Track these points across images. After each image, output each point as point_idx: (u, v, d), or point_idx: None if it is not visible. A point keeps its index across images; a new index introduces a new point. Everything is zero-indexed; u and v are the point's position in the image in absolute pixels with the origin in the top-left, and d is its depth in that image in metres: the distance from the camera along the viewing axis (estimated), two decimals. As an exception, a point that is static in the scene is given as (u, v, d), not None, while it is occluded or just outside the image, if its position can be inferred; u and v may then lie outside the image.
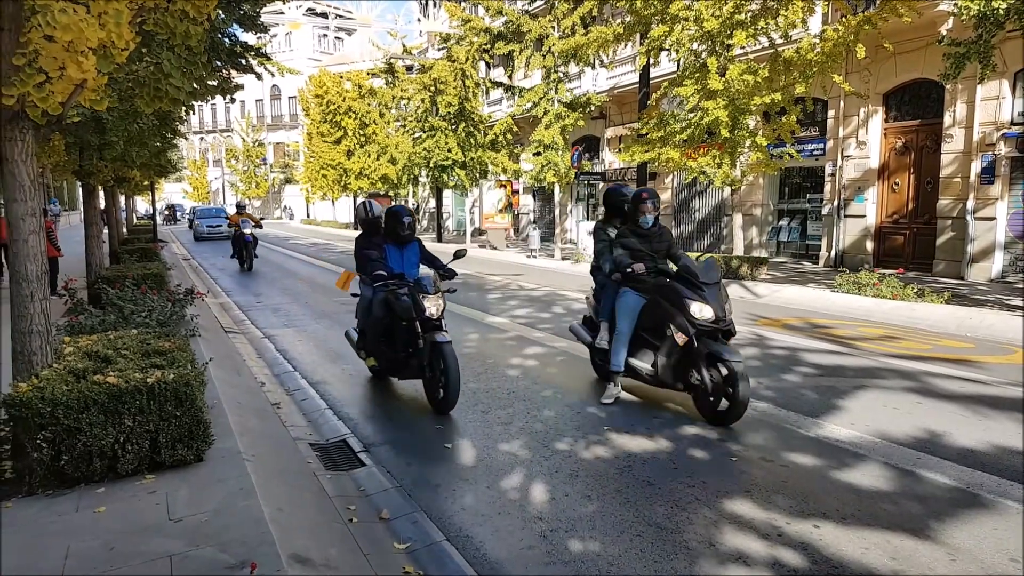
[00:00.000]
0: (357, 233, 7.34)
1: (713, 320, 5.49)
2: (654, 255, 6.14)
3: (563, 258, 20.85)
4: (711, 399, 5.53)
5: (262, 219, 22.01)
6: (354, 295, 7.17)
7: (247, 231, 18.63)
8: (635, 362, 6.08)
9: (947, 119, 14.42)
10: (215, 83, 8.20)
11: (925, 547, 3.63)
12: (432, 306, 5.97)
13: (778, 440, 5.21)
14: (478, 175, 26.94)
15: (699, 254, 7.23)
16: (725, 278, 14.43)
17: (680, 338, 5.55)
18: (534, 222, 29.23)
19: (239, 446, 4.49)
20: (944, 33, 13.11)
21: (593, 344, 6.65)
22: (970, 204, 13.97)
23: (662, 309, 5.77)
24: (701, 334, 5.53)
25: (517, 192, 31.19)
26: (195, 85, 5.50)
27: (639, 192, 6.26)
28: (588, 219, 25.25)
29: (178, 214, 57.37)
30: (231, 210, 35.20)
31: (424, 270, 6.68)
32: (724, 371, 5.43)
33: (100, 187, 13.68)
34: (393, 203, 39.28)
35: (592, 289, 6.87)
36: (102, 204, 16.93)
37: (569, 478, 4.55)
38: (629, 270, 5.90)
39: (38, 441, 3.75)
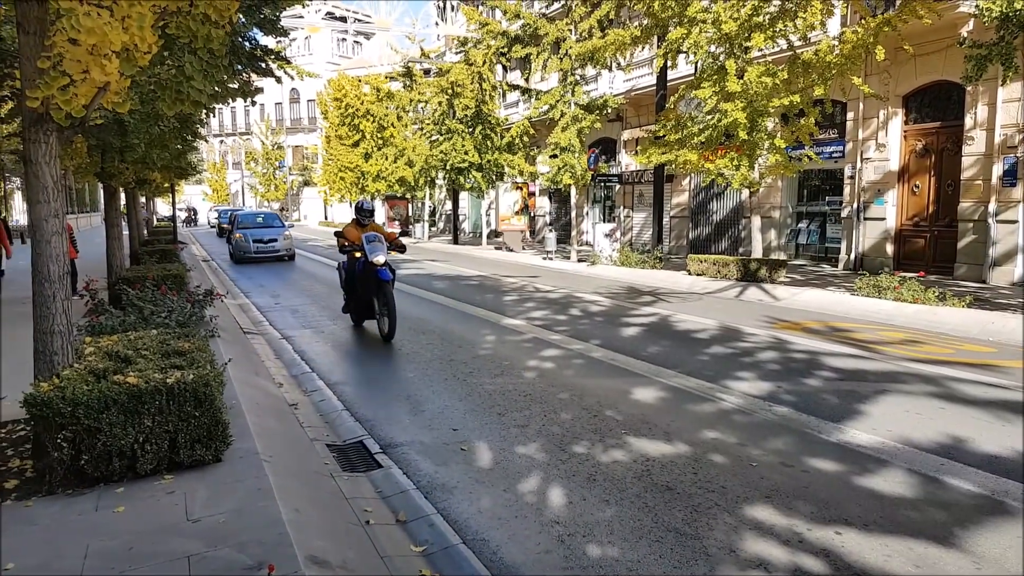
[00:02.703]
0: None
1: None
2: None
3: (579, 260, 20.79)
4: None
5: (404, 233, 14.63)
6: None
7: (380, 261, 9.03)
8: None
9: (968, 121, 14.24)
10: (236, 86, 8.28)
11: (950, 555, 3.57)
12: None
13: (799, 445, 5.15)
14: (494, 177, 26.99)
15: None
16: (743, 280, 14.44)
17: None
18: (550, 224, 29.21)
19: (257, 447, 4.51)
20: (965, 35, 12.95)
21: None
22: (992, 207, 13.77)
23: None
24: None
25: (533, 194, 31.18)
26: (216, 88, 5.56)
27: None
28: (604, 221, 25.18)
29: (204, 217, 57.76)
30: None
31: None
32: None
33: (121, 189, 13.82)
34: (409, 205, 39.39)
35: None
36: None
37: (587, 482, 4.52)
38: None
39: (59, 440, 3.79)
